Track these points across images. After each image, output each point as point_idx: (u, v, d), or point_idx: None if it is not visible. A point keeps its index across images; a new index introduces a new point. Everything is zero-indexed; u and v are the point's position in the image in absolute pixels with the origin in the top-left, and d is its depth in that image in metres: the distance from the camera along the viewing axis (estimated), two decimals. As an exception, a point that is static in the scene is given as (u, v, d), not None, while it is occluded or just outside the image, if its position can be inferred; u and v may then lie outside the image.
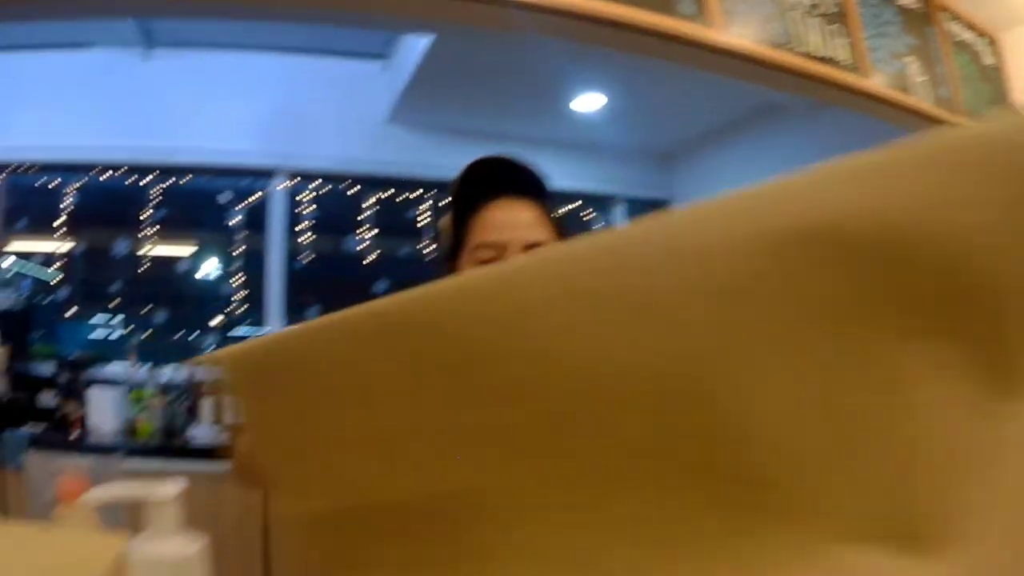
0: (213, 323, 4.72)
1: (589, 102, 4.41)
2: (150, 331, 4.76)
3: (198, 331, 4.86)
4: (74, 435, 4.03)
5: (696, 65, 2.62)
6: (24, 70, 4.65)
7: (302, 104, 4.74)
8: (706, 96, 4.16)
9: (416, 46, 3.98)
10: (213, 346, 4.69)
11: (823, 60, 2.62)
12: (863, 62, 2.81)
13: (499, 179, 1.28)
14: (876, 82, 2.91)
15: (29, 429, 3.99)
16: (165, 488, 0.53)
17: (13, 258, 4.81)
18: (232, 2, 2.26)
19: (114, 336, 4.74)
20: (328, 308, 0.73)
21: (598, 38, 2.20)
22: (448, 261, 1.30)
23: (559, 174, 4.94)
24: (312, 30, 4.44)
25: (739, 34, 2.41)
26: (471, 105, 4.52)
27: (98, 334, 4.79)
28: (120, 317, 4.75)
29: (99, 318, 4.81)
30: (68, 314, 4.83)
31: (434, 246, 4.71)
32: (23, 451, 3.86)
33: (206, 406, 4.16)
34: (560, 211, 1.31)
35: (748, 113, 4.42)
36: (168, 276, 4.84)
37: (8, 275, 4.82)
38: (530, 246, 1.20)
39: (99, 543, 0.56)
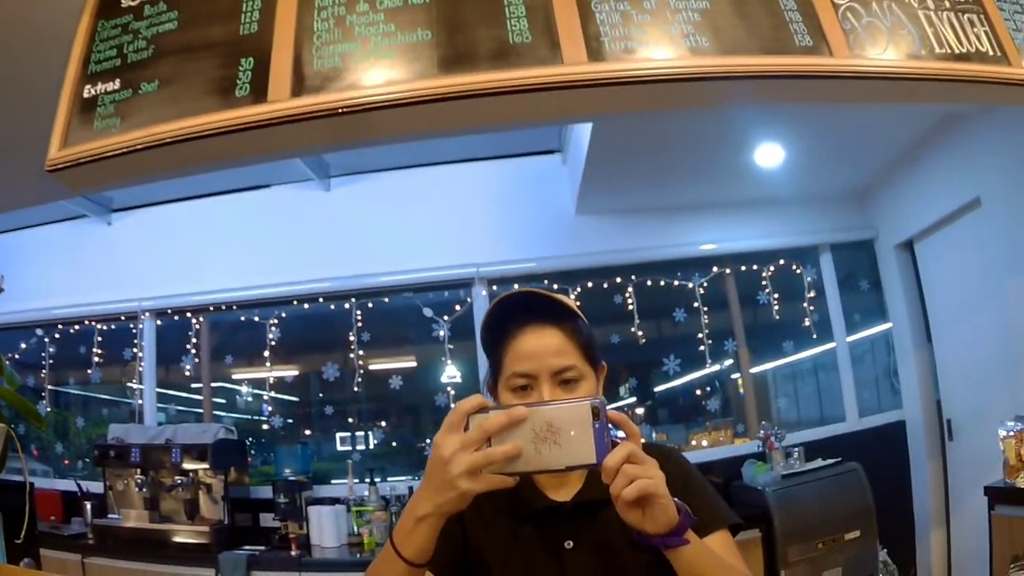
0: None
1: (768, 156, 4.17)
2: (370, 446, 4.79)
3: (423, 441, 4.83)
4: (295, 553, 3.98)
5: (830, 99, 2.40)
6: (211, 215, 5.01)
7: (489, 210, 4.80)
8: (883, 120, 3.92)
9: (584, 135, 3.90)
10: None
11: (963, 57, 2.21)
12: (1009, 49, 2.36)
13: (523, 310, 1.32)
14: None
15: (248, 550, 3.98)
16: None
17: (243, 388, 5.03)
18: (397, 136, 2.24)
19: (333, 454, 4.77)
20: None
21: (715, 98, 2.03)
22: (491, 387, 1.37)
23: (753, 234, 4.76)
24: (484, 138, 4.47)
25: (867, 53, 2.11)
26: (650, 181, 4.37)
27: (317, 454, 4.83)
28: (338, 435, 4.80)
29: (316, 438, 4.88)
30: (284, 437, 4.91)
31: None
32: (240, 571, 3.83)
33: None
34: (587, 331, 1.36)
35: (932, 127, 4.04)
36: (382, 392, 4.82)
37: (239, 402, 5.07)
38: (558, 372, 1.27)
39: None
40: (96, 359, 5.12)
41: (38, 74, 2.02)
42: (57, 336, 5.23)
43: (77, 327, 5.18)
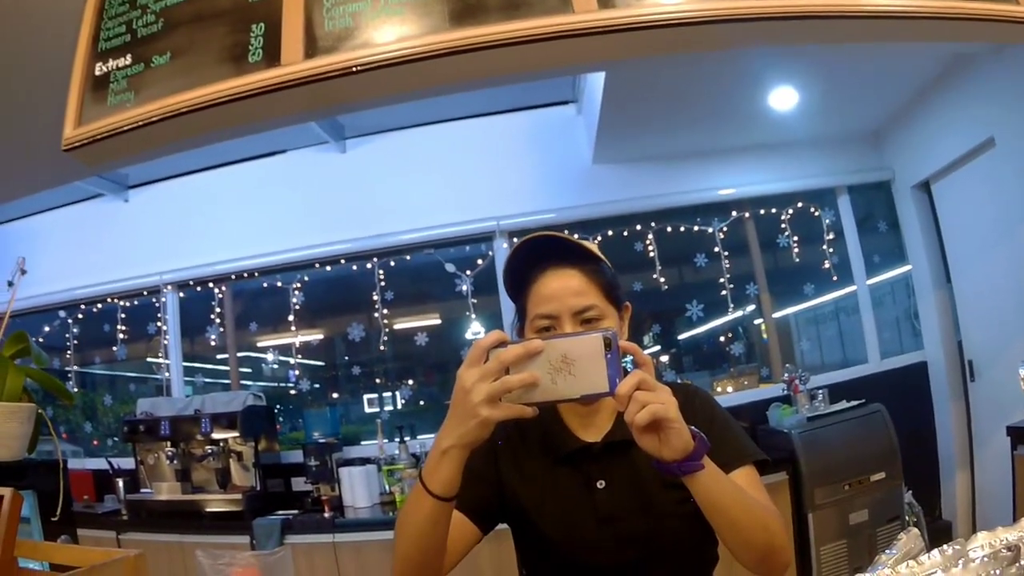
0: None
1: (782, 99, 4.14)
2: (398, 405, 4.83)
3: (451, 397, 4.78)
4: (328, 515, 4.03)
5: (838, 39, 2.36)
6: (227, 184, 5.02)
7: (507, 163, 4.79)
8: (896, 61, 3.89)
9: (598, 83, 3.89)
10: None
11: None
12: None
13: (543, 254, 1.36)
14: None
15: (282, 515, 4.04)
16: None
17: (269, 355, 5.08)
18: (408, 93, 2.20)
19: (361, 416, 4.81)
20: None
21: (725, 40, 1.98)
22: (519, 332, 1.42)
23: (771, 177, 4.68)
24: (497, 91, 4.44)
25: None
26: (666, 128, 4.35)
27: (345, 416, 4.88)
28: (366, 396, 4.84)
29: (344, 400, 4.92)
30: (312, 401, 4.97)
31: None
32: (275, 536, 3.87)
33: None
34: (609, 272, 1.40)
35: (944, 67, 4.01)
36: (408, 350, 4.85)
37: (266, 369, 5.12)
38: (579, 312, 1.31)
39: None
40: (121, 336, 5.16)
41: (47, 57, 2.03)
42: (80, 316, 5.27)
43: (100, 305, 5.22)
